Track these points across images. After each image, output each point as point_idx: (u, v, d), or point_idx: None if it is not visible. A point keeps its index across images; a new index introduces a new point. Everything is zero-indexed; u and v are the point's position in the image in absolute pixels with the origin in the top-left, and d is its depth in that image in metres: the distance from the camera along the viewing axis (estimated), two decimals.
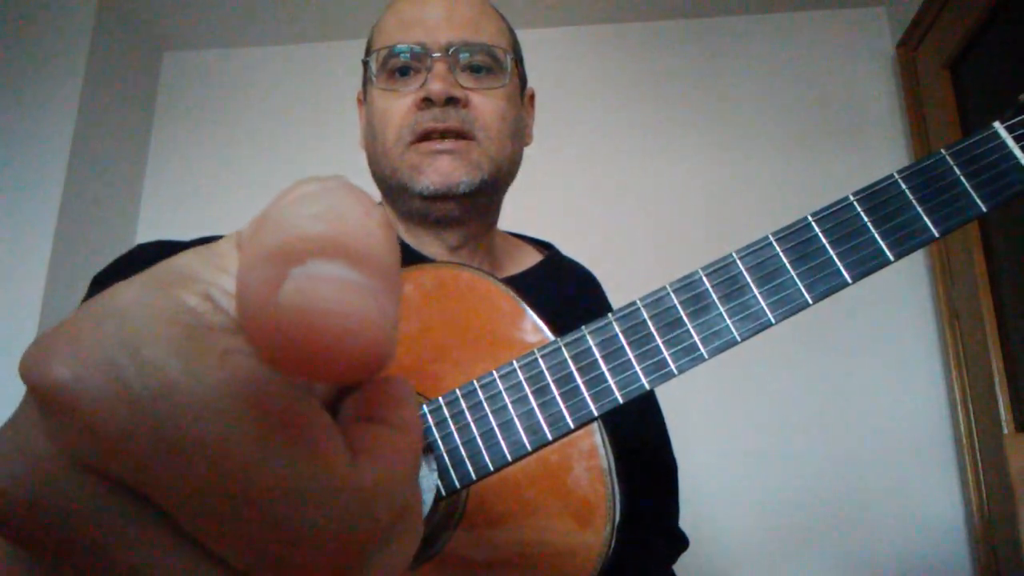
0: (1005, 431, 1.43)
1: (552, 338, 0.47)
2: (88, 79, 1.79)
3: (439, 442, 0.44)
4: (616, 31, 2.00)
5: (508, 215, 0.75)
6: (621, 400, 0.42)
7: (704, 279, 0.43)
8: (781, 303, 0.42)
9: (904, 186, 0.42)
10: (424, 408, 0.45)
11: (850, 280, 0.41)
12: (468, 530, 0.46)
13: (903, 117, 1.81)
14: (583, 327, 0.44)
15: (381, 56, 0.65)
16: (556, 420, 0.43)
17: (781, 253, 0.42)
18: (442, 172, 0.62)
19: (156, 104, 2.09)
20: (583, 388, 0.43)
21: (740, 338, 0.42)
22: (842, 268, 0.41)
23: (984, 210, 0.41)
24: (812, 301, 0.41)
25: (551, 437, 0.43)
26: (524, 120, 0.72)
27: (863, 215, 0.42)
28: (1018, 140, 0.41)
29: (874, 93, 1.87)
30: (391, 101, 0.65)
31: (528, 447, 0.43)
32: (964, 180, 0.41)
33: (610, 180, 1.88)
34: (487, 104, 0.64)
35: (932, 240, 0.41)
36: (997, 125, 0.42)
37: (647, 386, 0.42)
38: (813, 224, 0.42)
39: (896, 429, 1.62)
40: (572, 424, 0.43)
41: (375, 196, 0.70)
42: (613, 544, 0.45)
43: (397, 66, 0.65)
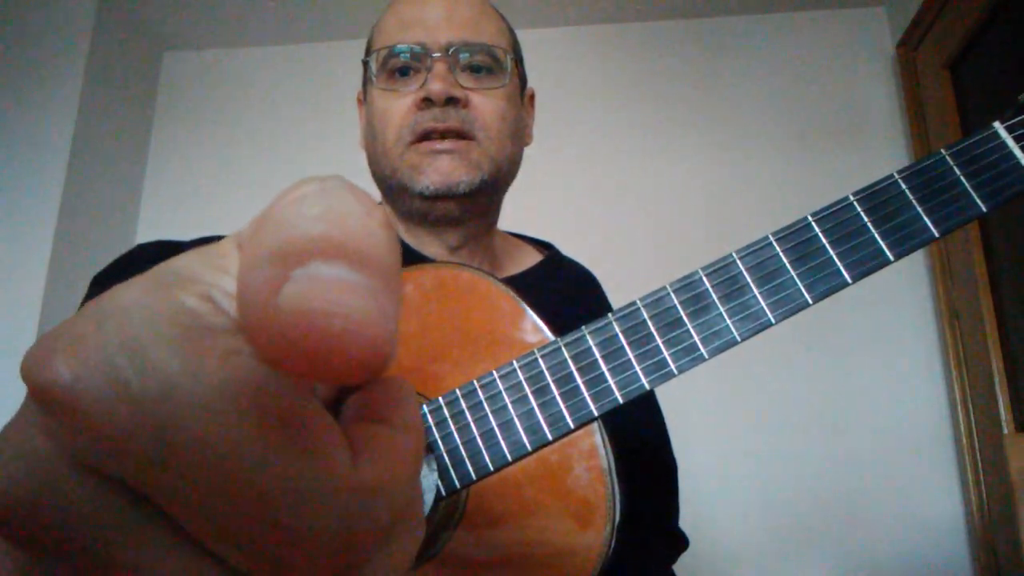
0: (1005, 431, 1.43)
1: (552, 338, 0.47)
2: (88, 79, 1.79)
3: (439, 442, 0.44)
4: (616, 31, 2.00)
5: (508, 215, 0.75)
6: (621, 400, 0.42)
7: (704, 279, 0.43)
8: (781, 303, 0.42)
9: (904, 186, 0.42)
10: (424, 408, 0.45)
11: (850, 280, 0.41)
12: (468, 530, 0.46)
13: (903, 117, 1.81)
14: (583, 327, 0.44)
15: (381, 56, 0.65)
16: (556, 420, 0.43)
17: (781, 253, 0.42)
18: (442, 172, 0.62)
19: (156, 104, 2.09)
20: (583, 388, 0.43)
21: (740, 338, 0.42)
22: (842, 268, 0.41)
23: (984, 210, 0.41)
24: (812, 301, 0.41)
25: (551, 437, 0.43)
26: (524, 120, 0.72)
27: (863, 215, 0.42)
28: (1018, 140, 0.41)
29: (874, 93, 1.87)
30: (391, 101, 0.65)
31: (528, 447, 0.43)
32: (964, 180, 0.41)
33: (610, 180, 1.88)
34: (487, 104, 0.64)
35: (932, 240, 0.41)
36: (997, 125, 0.42)
37: (647, 386, 0.42)
38: (813, 224, 0.42)
39: (896, 429, 1.62)
40: (572, 424, 0.43)
41: (375, 196, 0.70)
42: (613, 544, 0.45)
43: (397, 66, 0.65)
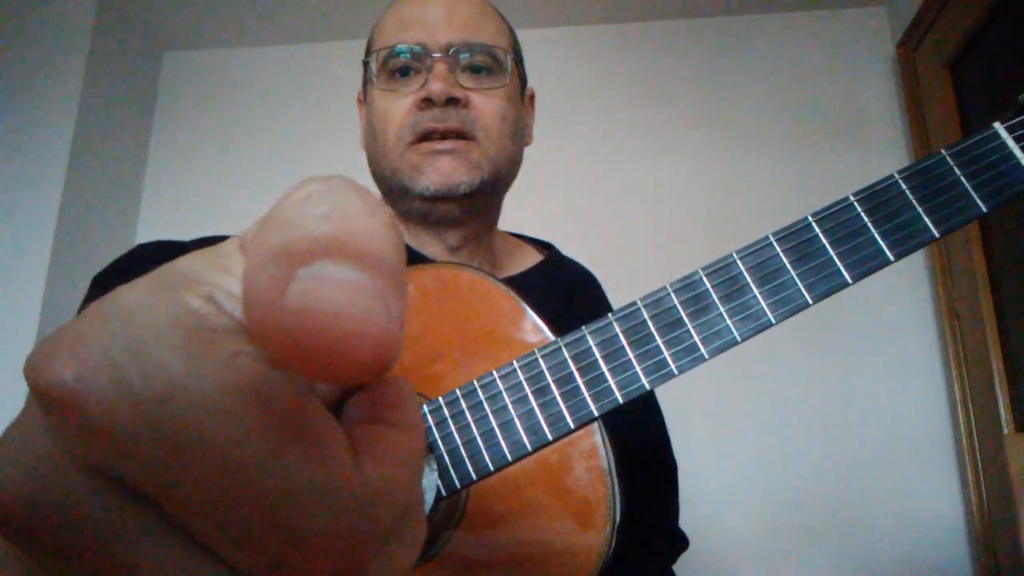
0: (1005, 431, 1.43)
1: (552, 338, 0.47)
2: (88, 79, 1.79)
3: (439, 442, 0.44)
4: (616, 31, 2.00)
5: (508, 215, 0.75)
6: (621, 400, 0.42)
7: (704, 279, 0.43)
8: (781, 303, 0.42)
9: (904, 186, 0.42)
10: (424, 408, 0.45)
11: (850, 280, 0.41)
12: (468, 530, 0.46)
13: (903, 117, 1.81)
14: (583, 327, 0.44)
15: (381, 56, 0.65)
16: (556, 420, 0.43)
17: (781, 253, 0.42)
18: (442, 172, 0.62)
19: (156, 104, 2.09)
20: (583, 388, 0.43)
21: (740, 338, 0.42)
22: (842, 268, 0.41)
23: (984, 210, 0.41)
24: (812, 301, 0.41)
25: (551, 437, 0.43)
26: (524, 120, 0.72)
27: (863, 215, 0.42)
28: (1018, 140, 0.41)
29: (874, 93, 1.87)
30: (391, 101, 0.65)
31: (528, 447, 0.43)
32: (964, 180, 0.41)
33: (610, 180, 1.88)
34: (487, 104, 0.64)
35: (932, 240, 0.41)
36: (997, 125, 0.42)
37: (647, 386, 0.42)
38: (813, 224, 0.42)
39: (896, 429, 1.62)
40: (572, 424, 0.43)
41: (376, 196, 0.70)
42: (613, 544, 0.45)
43: (397, 66, 0.65)
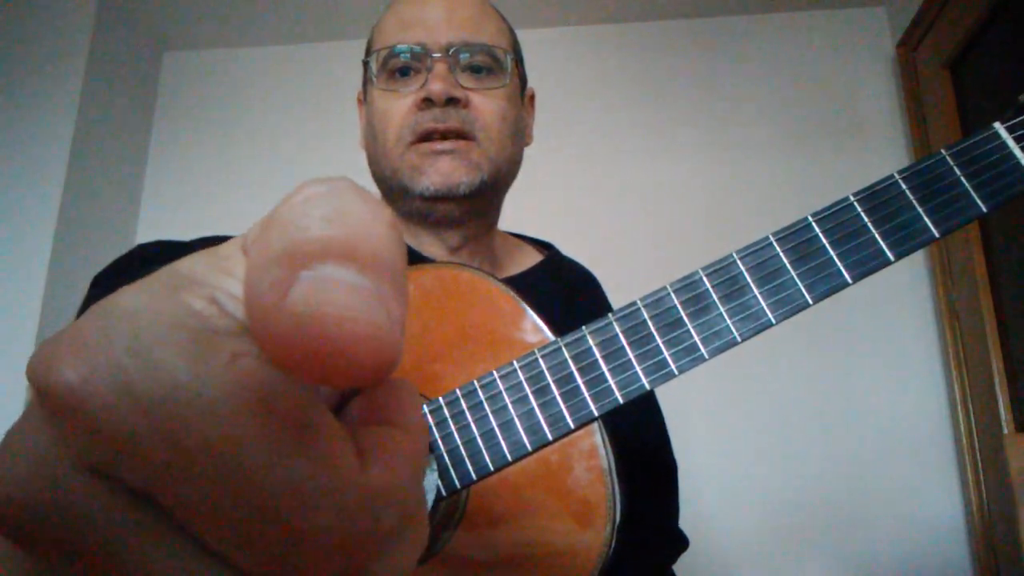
0: (1005, 431, 1.43)
1: (552, 338, 0.47)
2: (88, 79, 1.79)
3: (439, 442, 0.44)
4: (616, 31, 2.00)
5: (508, 215, 0.75)
6: (621, 400, 0.42)
7: (704, 279, 0.43)
8: (781, 303, 0.42)
9: (904, 186, 0.42)
10: (424, 408, 0.45)
11: (850, 280, 0.41)
12: (468, 530, 0.46)
13: (903, 117, 1.81)
14: (583, 327, 0.44)
15: (381, 56, 0.65)
16: (556, 420, 0.43)
17: (781, 253, 0.42)
18: (442, 173, 0.62)
19: (156, 104, 2.09)
20: (583, 388, 0.43)
21: (740, 338, 0.42)
22: (842, 268, 0.41)
23: (984, 210, 0.41)
24: (812, 301, 0.41)
25: (551, 437, 0.43)
26: (524, 120, 0.72)
27: (863, 215, 0.42)
28: (1018, 140, 0.41)
29: (874, 93, 1.87)
30: (391, 101, 0.65)
31: (528, 447, 0.43)
32: (964, 180, 0.41)
33: (610, 180, 1.88)
34: (487, 104, 0.64)
35: (932, 240, 0.41)
36: (997, 125, 0.42)
37: (647, 386, 0.42)
38: (813, 224, 0.42)
39: (896, 429, 1.62)
40: (572, 424, 0.43)
41: (376, 197, 0.70)
42: (613, 544, 0.45)
43: (397, 66, 0.65)
